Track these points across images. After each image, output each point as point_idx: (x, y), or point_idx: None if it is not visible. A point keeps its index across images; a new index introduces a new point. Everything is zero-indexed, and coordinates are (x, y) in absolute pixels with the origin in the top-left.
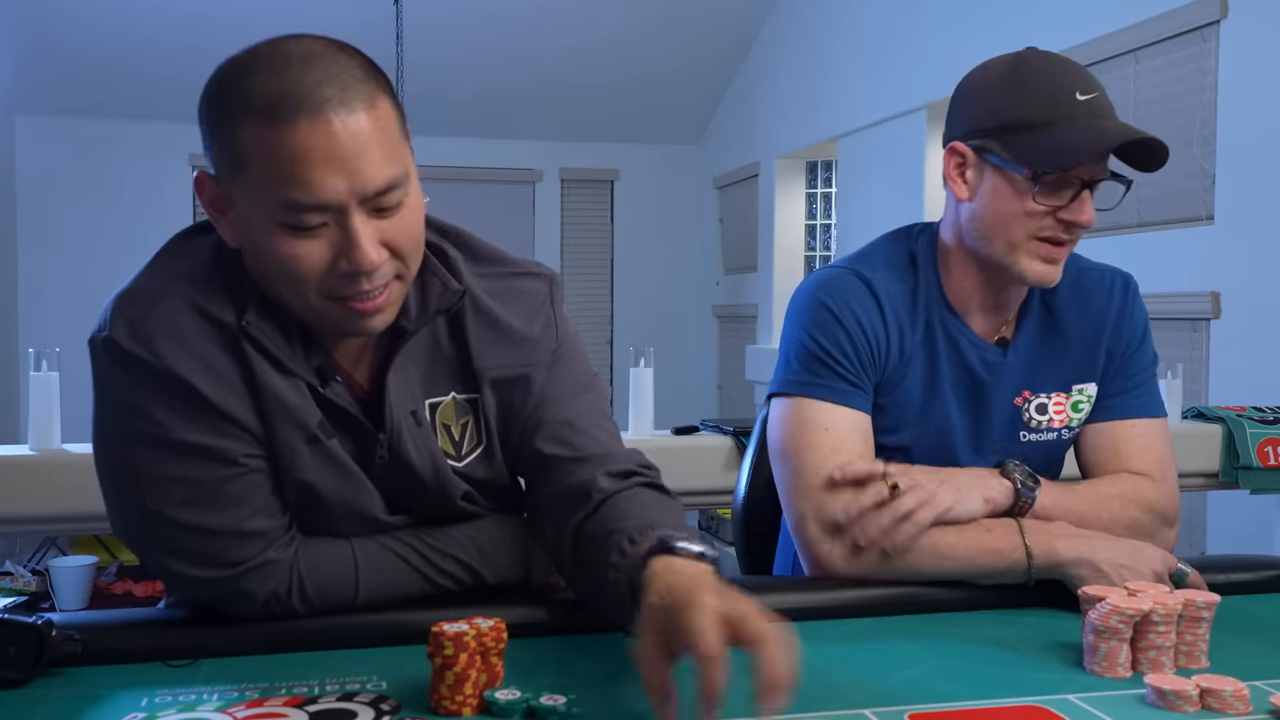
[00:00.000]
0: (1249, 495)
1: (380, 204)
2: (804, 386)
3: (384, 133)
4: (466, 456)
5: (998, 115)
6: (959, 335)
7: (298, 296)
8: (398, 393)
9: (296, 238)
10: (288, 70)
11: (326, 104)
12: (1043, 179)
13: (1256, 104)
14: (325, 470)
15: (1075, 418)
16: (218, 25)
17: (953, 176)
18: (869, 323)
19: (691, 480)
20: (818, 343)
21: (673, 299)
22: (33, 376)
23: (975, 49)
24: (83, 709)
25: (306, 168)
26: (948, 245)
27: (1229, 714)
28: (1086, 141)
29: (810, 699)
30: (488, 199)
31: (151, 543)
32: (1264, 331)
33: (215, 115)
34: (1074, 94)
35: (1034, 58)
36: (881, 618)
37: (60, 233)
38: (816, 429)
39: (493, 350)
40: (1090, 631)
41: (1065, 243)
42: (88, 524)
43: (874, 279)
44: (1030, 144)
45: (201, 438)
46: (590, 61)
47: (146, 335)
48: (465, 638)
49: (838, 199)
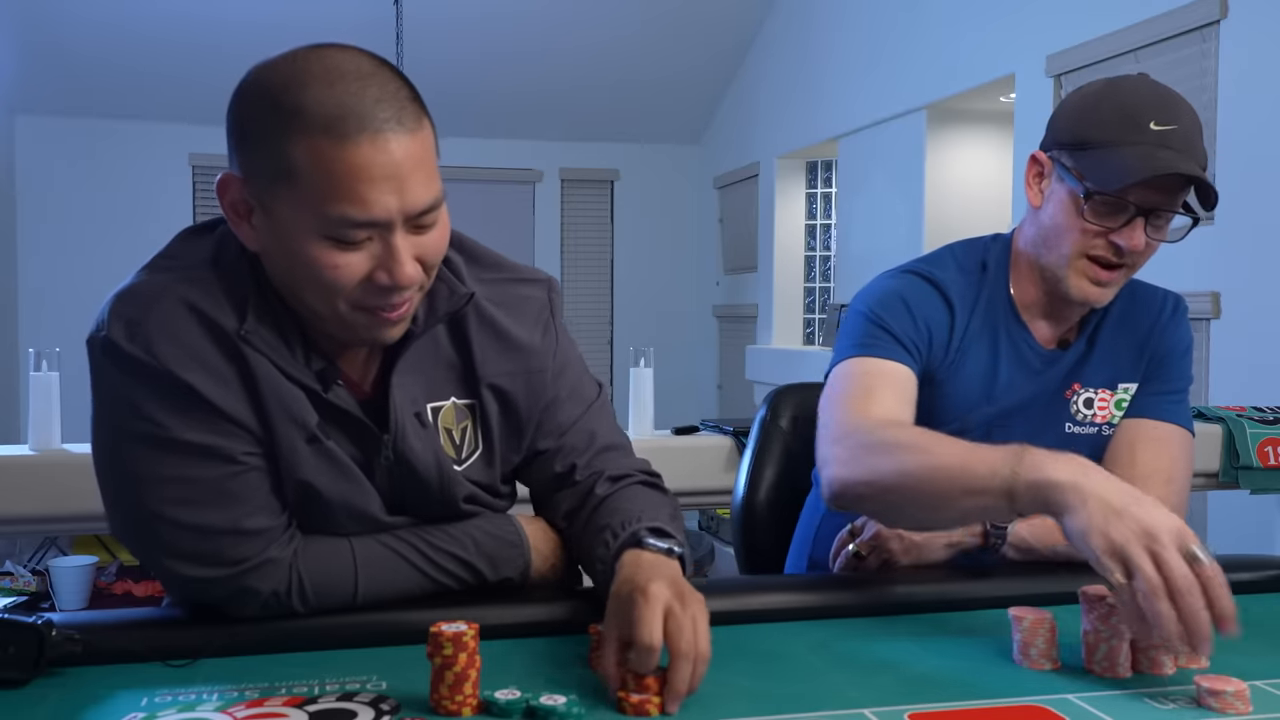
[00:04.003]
0: (1249, 495)
1: (421, 222)
2: (854, 349)
3: (428, 155)
4: (466, 460)
5: (1074, 131)
6: (1020, 340)
7: (326, 304)
8: (402, 394)
9: (339, 250)
10: (346, 86)
11: (385, 124)
12: (1093, 198)
13: (1256, 104)
14: (325, 470)
15: (1117, 415)
16: (218, 25)
17: (1030, 183)
18: (932, 309)
19: (691, 480)
20: (878, 317)
21: (673, 299)
22: (33, 376)
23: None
24: (83, 709)
25: (363, 185)
26: (1018, 251)
27: (1229, 714)
28: (1136, 167)
29: (810, 699)
30: (488, 199)
31: (152, 545)
32: (1264, 332)
33: (259, 122)
34: (1148, 122)
35: (1130, 83)
36: (881, 618)
37: (60, 233)
38: (856, 374)
39: (495, 357)
40: (1090, 631)
41: (1116, 266)
42: (88, 524)
43: (941, 277)
44: (1090, 162)
45: (200, 436)
46: (590, 61)
47: (144, 335)
48: (465, 638)
49: (838, 199)
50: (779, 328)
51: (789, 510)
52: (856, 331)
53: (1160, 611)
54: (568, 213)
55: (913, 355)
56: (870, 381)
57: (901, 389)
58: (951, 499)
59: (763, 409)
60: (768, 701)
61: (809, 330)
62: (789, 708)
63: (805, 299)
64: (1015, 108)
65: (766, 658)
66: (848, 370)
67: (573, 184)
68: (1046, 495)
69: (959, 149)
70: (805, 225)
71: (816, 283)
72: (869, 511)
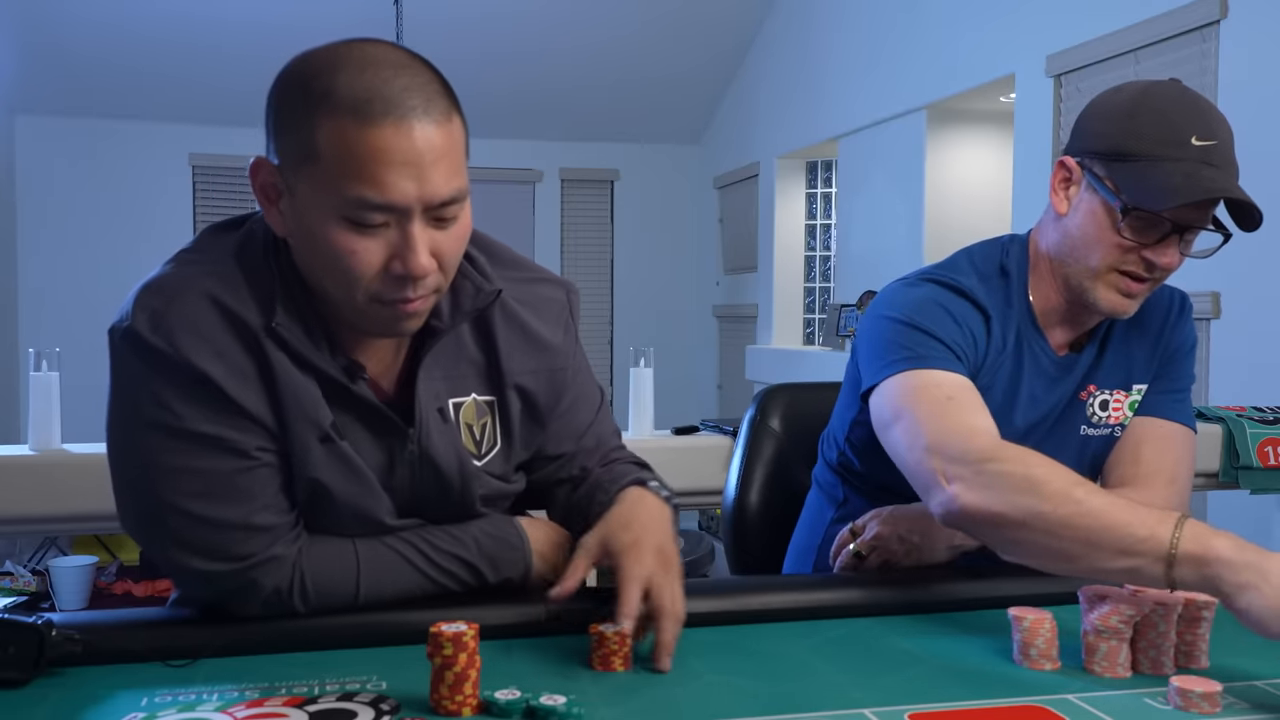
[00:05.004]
0: (1249, 495)
1: (440, 215)
2: (908, 361)
3: (454, 148)
4: (485, 455)
5: (1109, 140)
6: (1037, 348)
7: (344, 291)
8: (426, 390)
9: (356, 234)
10: (377, 73)
11: (411, 111)
12: (1132, 214)
13: (1256, 104)
14: (336, 470)
15: (1129, 416)
16: (218, 25)
17: (1056, 189)
18: (972, 319)
19: (691, 480)
20: (924, 326)
21: (673, 299)
22: (33, 376)
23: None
24: (83, 709)
25: (383, 168)
26: (1038, 256)
27: (1193, 713)
28: (1182, 188)
29: (810, 699)
30: (488, 199)
31: (161, 535)
32: (1264, 332)
33: (291, 106)
34: (1190, 137)
35: (1165, 90)
36: (881, 618)
37: (60, 233)
38: (928, 386)
39: (521, 355)
40: (1090, 631)
41: (1145, 280)
42: (88, 524)
43: (967, 285)
44: (1130, 177)
45: (215, 429)
46: (590, 61)
47: (167, 327)
48: (465, 638)
49: (838, 199)
50: (779, 328)
51: (780, 511)
52: (901, 343)
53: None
54: (568, 213)
55: (964, 364)
56: (950, 393)
57: (980, 401)
58: (1093, 553)
59: (751, 409)
60: (768, 701)
61: (809, 330)
62: (789, 708)
63: (805, 299)
64: (1015, 108)
65: (766, 658)
66: (911, 384)
67: (573, 184)
68: (1216, 571)
69: (959, 149)
70: (805, 225)
71: (816, 283)
72: (987, 540)
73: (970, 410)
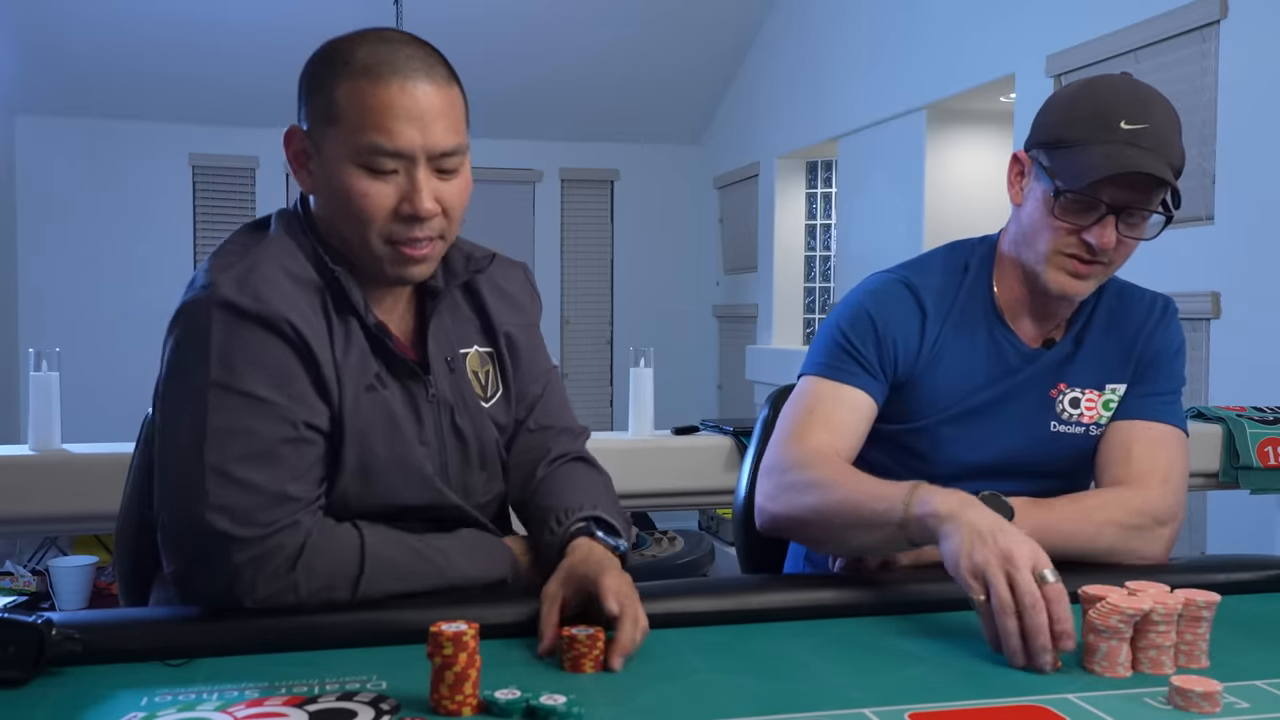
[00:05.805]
0: (1249, 495)
1: (442, 165)
2: (818, 367)
3: (454, 109)
4: (490, 399)
5: (1051, 130)
6: (1002, 339)
7: (360, 234)
8: (436, 343)
9: (370, 178)
10: (389, 45)
11: (415, 74)
12: (1063, 196)
13: (1256, 104)
14: (379, 418)
15: (1105, 415)
16: (218, 25)
17: (1011, 182)
18: (902, 326)
19: (691, 480)
20: (847, 338)
21: (673, 299)
22: (33, 376)
23: (974, 49)
24: (83, 709)
25: (392, 119)
26: (1002, 251)
27: (1193, 712)
28: (1099, 166)
29: (810, 699)
30: (488, 199)
31: (197, 499)
32: (1264, 332)
33: (318, 75)
34: (1119, 121)
35: (1108, 82)
36: (881, 617)
37: (60, 232)
38: (806, 396)
39: (505, 311)
40: (1090, 631)
41: (1091, 263)
42: (88, 524)
43: (919, 283)
44: (1063, 161)
45: (271, 394)
46: (590, 61)
47: (253, 285)
48: (465, 637)
49: (838, 199)
50: (779, 328)
51: None
52: (825, 349)
53: (1007, 626)
54: (568, 213)
55: (877, 378)
56: (818, 407)
57: (847, 417)
58: (855, 532)
59: (765, 409)
60: (768, 701)
61: (809, 330)
62: (789, 708)
63: (805, 299)
64: (1015, 108)
65: (766, 658)
66: (805, 390)
67: (573, 184)
68: (930, 525)
69: (959, 149)
70: (805, 225)
71: (816, 283)
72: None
73: (817, 424)
